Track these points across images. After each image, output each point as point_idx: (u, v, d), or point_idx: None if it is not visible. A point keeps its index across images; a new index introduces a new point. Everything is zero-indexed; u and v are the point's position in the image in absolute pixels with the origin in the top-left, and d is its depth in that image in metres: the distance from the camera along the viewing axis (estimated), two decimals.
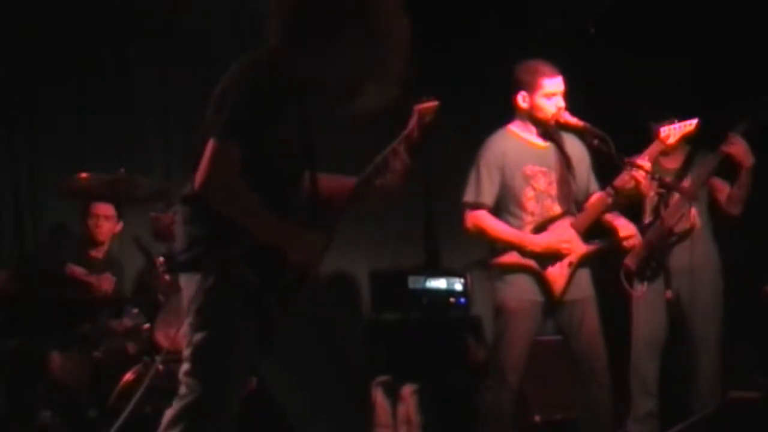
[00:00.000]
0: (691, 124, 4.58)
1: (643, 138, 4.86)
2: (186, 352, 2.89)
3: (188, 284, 2.91)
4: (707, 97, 5.51)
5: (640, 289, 5.03)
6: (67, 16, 5.77)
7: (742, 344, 5.56)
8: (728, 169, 5.11)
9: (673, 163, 5.15)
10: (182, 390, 2.88)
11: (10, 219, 5.61)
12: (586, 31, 6.46)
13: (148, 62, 6.06)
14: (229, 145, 2.81)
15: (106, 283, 5.36)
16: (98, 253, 5.53)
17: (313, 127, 3.08)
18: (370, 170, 3.09)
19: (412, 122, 3.07)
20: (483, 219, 4.49)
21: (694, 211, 5.02)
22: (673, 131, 4.56)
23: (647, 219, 5.18)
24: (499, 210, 4.50)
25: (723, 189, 5.19)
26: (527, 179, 4.47)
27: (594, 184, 4.62)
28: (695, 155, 5.18)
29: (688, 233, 5.03)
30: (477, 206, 4.50)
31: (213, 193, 2.83)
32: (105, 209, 5.45)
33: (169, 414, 2.88)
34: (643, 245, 4.97)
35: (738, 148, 4.97)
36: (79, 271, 5.33)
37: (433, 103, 3.10)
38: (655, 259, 5.07)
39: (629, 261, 5.02)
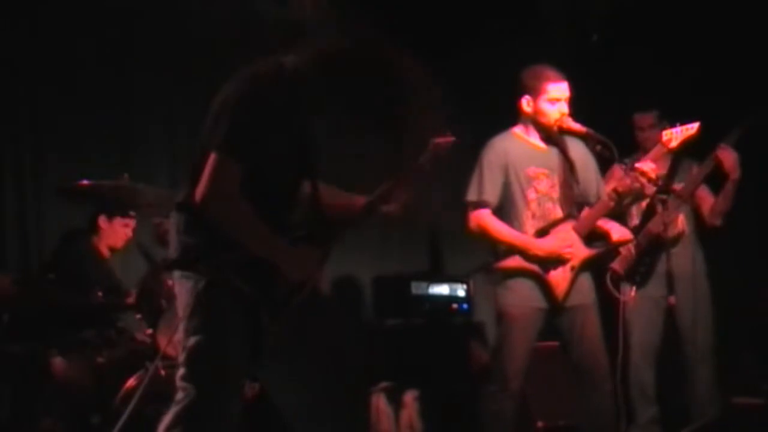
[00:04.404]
0: (693, 127, 4.53)
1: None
2: (181, 358, 2.91)
3: (181, 291, 2.96)
4: (702, 104, 5.49)
5: (628, 293, 5.01)
6: (71, 19, 5.76)
7: (745, 351, 5.55)
8: (714, 179, 5.12)
9: (658, 169, 5.12)
10: (179, 395, 2.90)
11: (14, 222, 5.60)
12: (589, 37, 6.46)
13: (154, 67, 6.05)
14: (229, 159, 2.83)
15: None
16: (108, 258, 5.53)
17: (318, 141, 3.08)
18: (375, 196, 3.07)
19: (426, 156, 3.04)
20: (487, 220, 4.47)
21: (681, 217, 5.02)
22: (675, 135, 4.52)
23: (634, 222, 5.16)
24: (499, 211, 4.49)
25: (707, 199, 5.20)
26: (530, 181, 4.46)
27: (604, 186, 4.59)
28: (679, 162, 5.18)
29: (678, 238, 5.04)
30: (480, 205, 4.49)
31: (213, 207, 2.84)
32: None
33: (166, 419, 2.90)
34: (634, 249, 4.97)
35: (729, 158, 4.98)
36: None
37: (449, 139, 3.06)
38: (645, 264, 5.07)
39: (617, 265, 5.01)
